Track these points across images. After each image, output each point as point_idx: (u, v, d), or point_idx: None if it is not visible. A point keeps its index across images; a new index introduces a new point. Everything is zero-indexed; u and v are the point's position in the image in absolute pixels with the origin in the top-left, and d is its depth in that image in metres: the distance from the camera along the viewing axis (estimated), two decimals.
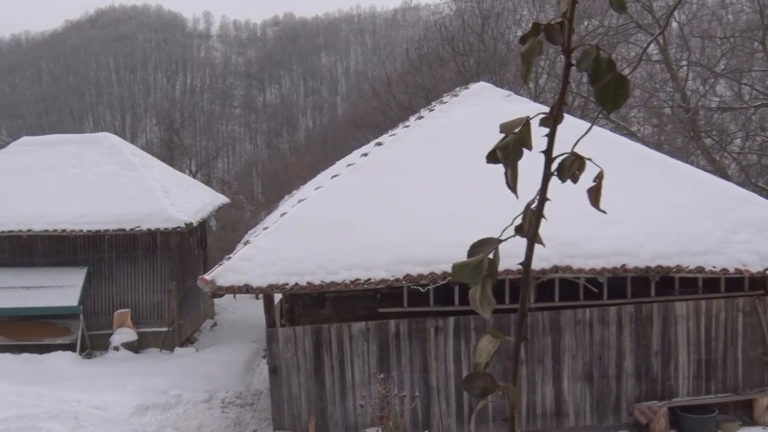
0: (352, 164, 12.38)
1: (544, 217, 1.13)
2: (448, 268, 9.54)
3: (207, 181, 36.15)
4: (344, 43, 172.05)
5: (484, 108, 13.15)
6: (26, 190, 17.85)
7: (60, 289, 16.90)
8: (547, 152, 1.14)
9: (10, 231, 16.94)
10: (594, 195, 1.20)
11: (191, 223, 17.20)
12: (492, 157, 1.17)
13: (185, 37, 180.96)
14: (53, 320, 17.24)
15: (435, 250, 9.81)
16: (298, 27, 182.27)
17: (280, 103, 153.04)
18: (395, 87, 33.34)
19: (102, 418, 12.61)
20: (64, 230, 16.90)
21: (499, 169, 1.21)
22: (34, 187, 17.97)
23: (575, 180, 1.17)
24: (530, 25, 1.23)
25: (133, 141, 45.32)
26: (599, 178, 1.19)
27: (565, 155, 1.15)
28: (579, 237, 9.94)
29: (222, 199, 22.41)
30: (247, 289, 9.85)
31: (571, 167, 1.15)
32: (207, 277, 9.81)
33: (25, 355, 16.33)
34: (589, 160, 1.16)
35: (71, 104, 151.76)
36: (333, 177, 12.19)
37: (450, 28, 30.94)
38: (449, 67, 29.30)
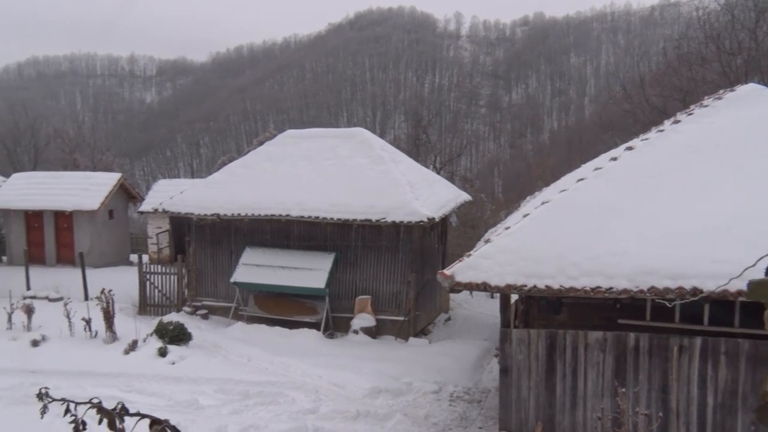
0: (600, 168, 11.91)
1: None
2: (699, 284, 8.86)
3: (450, 178, 36.89)
4: (595, 42, 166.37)
5: (754, 113, 11.98)
6: (287, 179, 19.50)
7: (310, 271, 18.24)
8: None
9: (272, 215, 18.63)
10: None
11: (434, 218, 17.66)
12: None
13: (436, 37, 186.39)
14: (303, 299, 18.67)
15: (685, 263, 9.13)
16: (547, 26, 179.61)
17: (526, 104, 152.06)
18: (648, 89, 31.59)
19: (339, 395, 13.43)
20: (317, 217, 18.21)
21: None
22: (294, 176, 19.56)
23: None
24: None
25: (382, 136, 47.50)
26: None
27: None
28: None
29: (464, 196, 22.67)
30: (484, 286, 9.91)
31: None
32: (446, 271, 10.01)
33: (278, 329, 17.90)
34: None
35: (329, 101, 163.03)
36: (579, 180, 11.83)
37: (715, 25, 28.63)
38: (712, 67, 27.13)
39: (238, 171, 20.77)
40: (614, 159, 12.06)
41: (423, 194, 18.83)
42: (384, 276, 18.63)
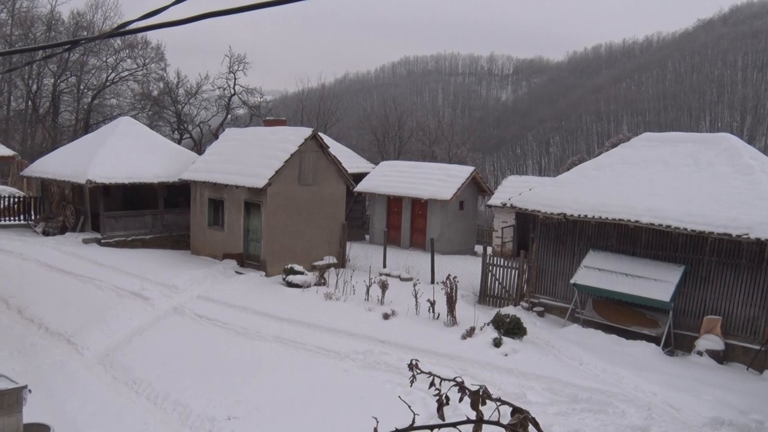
0: None
1: None
2: None
3: None
4: None
5: None
6: (640, 183, 18.71)
7: (654, 282, 17.31)
8: None
9: (620, 219, 18.04)
10: None
11: None
12: None
13: None
14: (643, 310, 17.83)
15: None
16: None
17: None
18: None
19: (673, 418, 12.56)
20: (668, 226, 17.18)
21: None
22: (647, 181, 18.69)
23: None
24: None
25: (750, 143, 43.14)
26: None
27: None
28: None
29: None
30: None
31: None
32: None
33: (614, 337, 17.33)
34: None
35: (690, 103, 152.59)
36: None
37: None
38: None
39: (589, 172, 20.48)
40: None
41: None
42: (739, 297, 16.94)
